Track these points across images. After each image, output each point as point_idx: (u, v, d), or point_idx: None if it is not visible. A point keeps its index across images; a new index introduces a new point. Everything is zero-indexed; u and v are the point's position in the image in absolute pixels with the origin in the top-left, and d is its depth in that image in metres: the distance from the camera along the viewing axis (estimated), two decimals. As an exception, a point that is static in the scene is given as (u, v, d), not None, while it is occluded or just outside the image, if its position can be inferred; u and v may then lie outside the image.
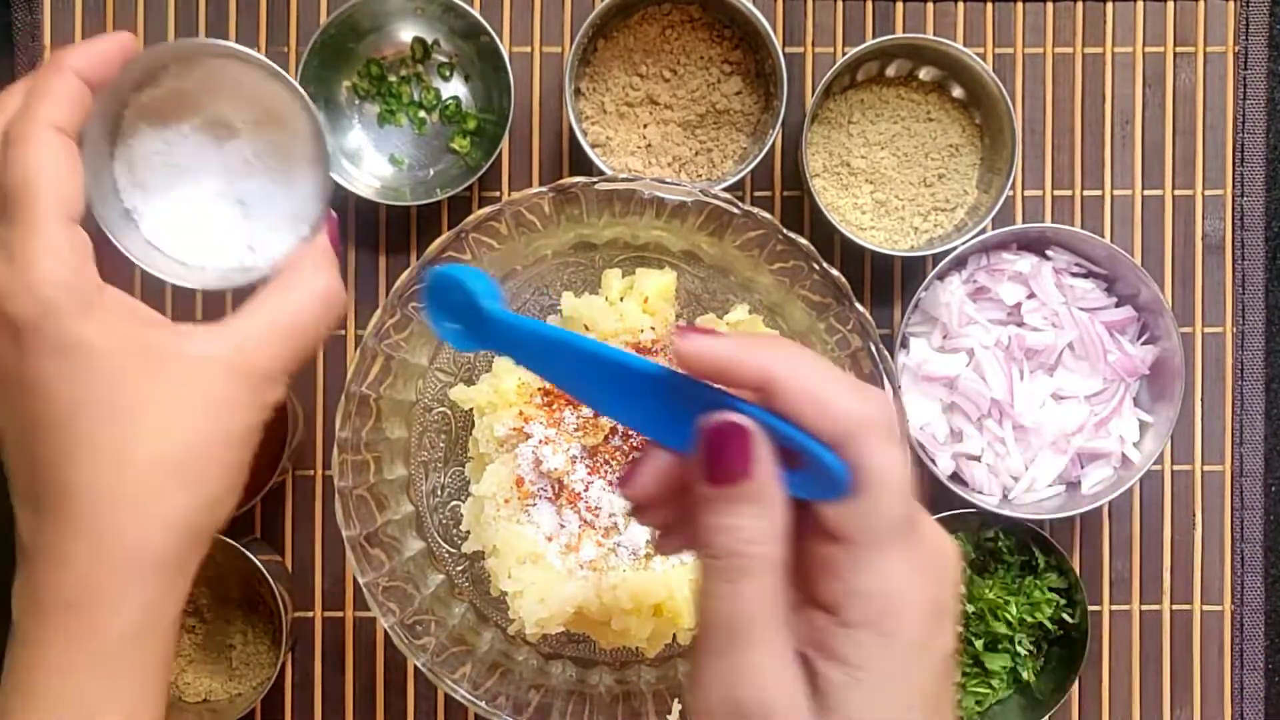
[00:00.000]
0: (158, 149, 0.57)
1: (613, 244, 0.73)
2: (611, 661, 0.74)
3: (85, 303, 0.43)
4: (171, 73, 0.56)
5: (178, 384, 0.45)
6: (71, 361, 0.43)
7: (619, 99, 0.77)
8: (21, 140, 0.45)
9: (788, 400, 0.37)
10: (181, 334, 0.46)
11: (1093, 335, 0.78)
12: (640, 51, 0.78)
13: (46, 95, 0.46)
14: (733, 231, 0.69)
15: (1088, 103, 0.85)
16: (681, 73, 0.77)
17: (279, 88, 0.58)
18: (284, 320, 0.48)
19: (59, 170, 0.45)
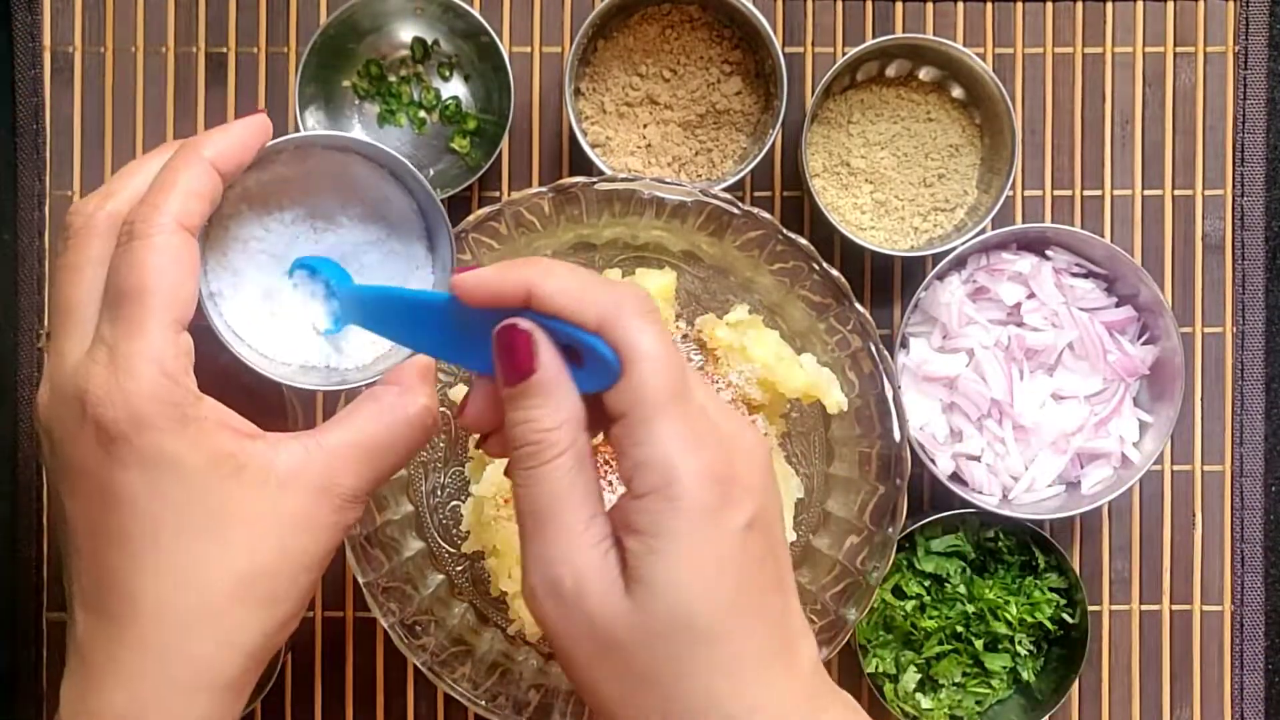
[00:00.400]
0: (256, 234, 0.53)
1: (613, 244, 0.73)
2: (611, 661, 0.74)
3: (180, 416, 0.42)
4: (283, 160, 0.53)
5: (262, 501, 0.44)
6: (159, 476, 0.42)
7: (619, 99, 0.77)
8: (144, 236, 0.43)
9: (550, 302, 0.42)
10: (271, 445, 0.45)
11: (1093, 335, 0.78)
12: (640, 51, 0.78)
13: (176, 187, 0.44)
14: (733, 231, 0.69)
15: (1088, 103, 0.85)
16: (681, 73, 0.77)
17: (394, 186, 0.56)
18: (376, 441, 0.47)
19: (177, 274, 0.43)
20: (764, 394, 0.70)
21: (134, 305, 0.43)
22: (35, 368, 0.82)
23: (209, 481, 0.43)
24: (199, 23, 0.83)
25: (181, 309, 0.44)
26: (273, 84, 0.83)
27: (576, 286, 0.42)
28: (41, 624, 0.82)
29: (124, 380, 0.42)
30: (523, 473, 0.42)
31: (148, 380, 0.42)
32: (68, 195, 0.82)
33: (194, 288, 0.44)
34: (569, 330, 0.42)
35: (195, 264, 0.44)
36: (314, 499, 0.45)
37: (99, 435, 0.42)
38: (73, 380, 0.43)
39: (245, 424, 0.45)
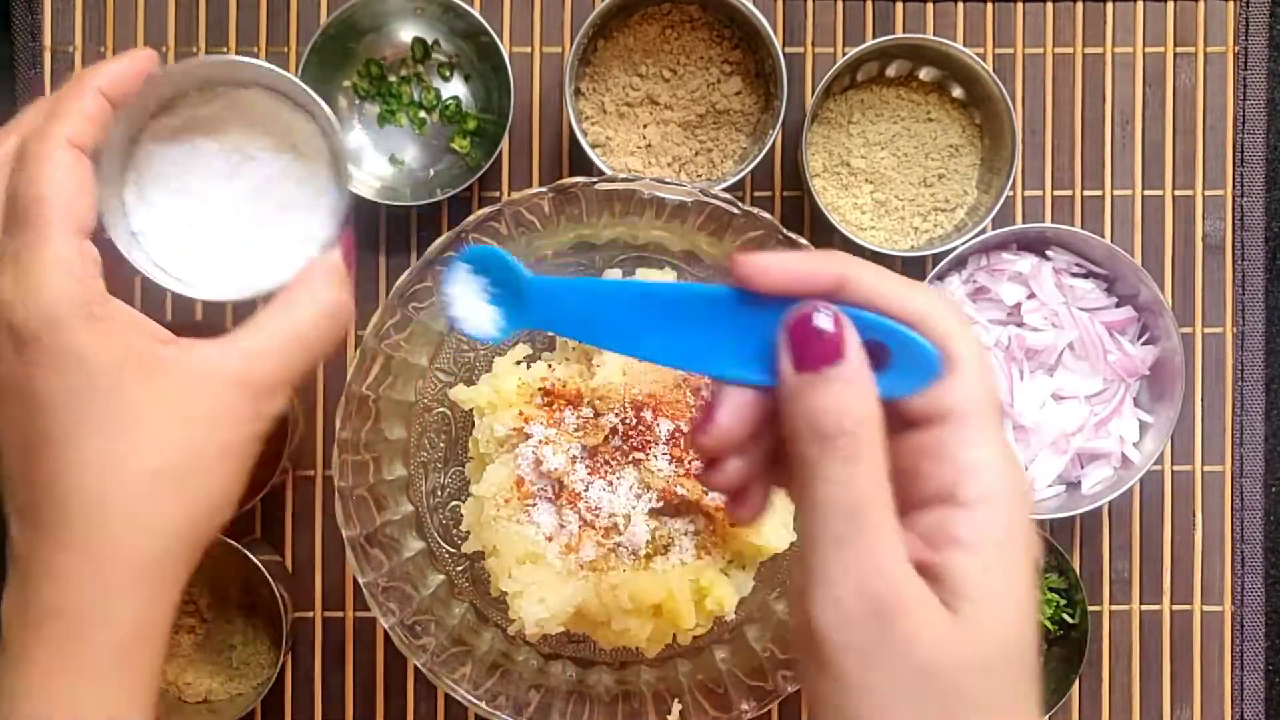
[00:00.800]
0: (170, 171, 0.58)
1: (613, 244, 0.73)
2: (611, 661, 0.74)
3: (88, 314, 0.43)
4: (191, 101, 0.58)
5: (178, 395, 0.45)
6: (72, 373, 0.43)
7: (619, 99, 0.77)
8: (36, 155, 0.45)
9: (869, 290, 0.39)
10: (184, 347, 0.46)
11: (1093, 335, 0.78)
12: (640, 51, 0.78)
13: (66, 112, 0.46)
14: (733, 231, 0.69)
15: (1088, 103, 0.85)
16: (681, 73, 0.77)
17: (299, 114, 0.59)
18: (288, 333, 0.48)
19: (71, 184, 0.45)
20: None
21: (33, 215, 0.44)
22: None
23: (122, 377, 0.44)
24: (199, 23, 0.83)
25: (80, 217, 0.45)
26: (273, 84, 0.83)
27: (895, 283, 0.39)
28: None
29: (31, 283, 0.43)
30: (834, 467, 0.37)
31: (54, 281, 0.43)
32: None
33: (90, 200, 0.46)
34: (886, 324, 0.38)
35: (89, 178, 0.46)
36: (230, 391, 0.46)
37: (12, 340, 0.43)
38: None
39: (157, 327, 0.46)
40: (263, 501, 0.80)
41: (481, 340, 0.45)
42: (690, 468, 0.67)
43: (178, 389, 0.45)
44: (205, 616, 0.81)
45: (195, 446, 0.45)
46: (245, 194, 0.59)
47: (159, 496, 0.44)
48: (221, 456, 0.46)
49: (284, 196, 0.59)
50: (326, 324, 0.49)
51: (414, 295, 0.68)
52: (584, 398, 0.69)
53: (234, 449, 0.46)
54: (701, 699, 0.70)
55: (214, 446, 0.45)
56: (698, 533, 0.69)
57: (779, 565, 0.74)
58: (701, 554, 0.69)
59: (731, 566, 0.71)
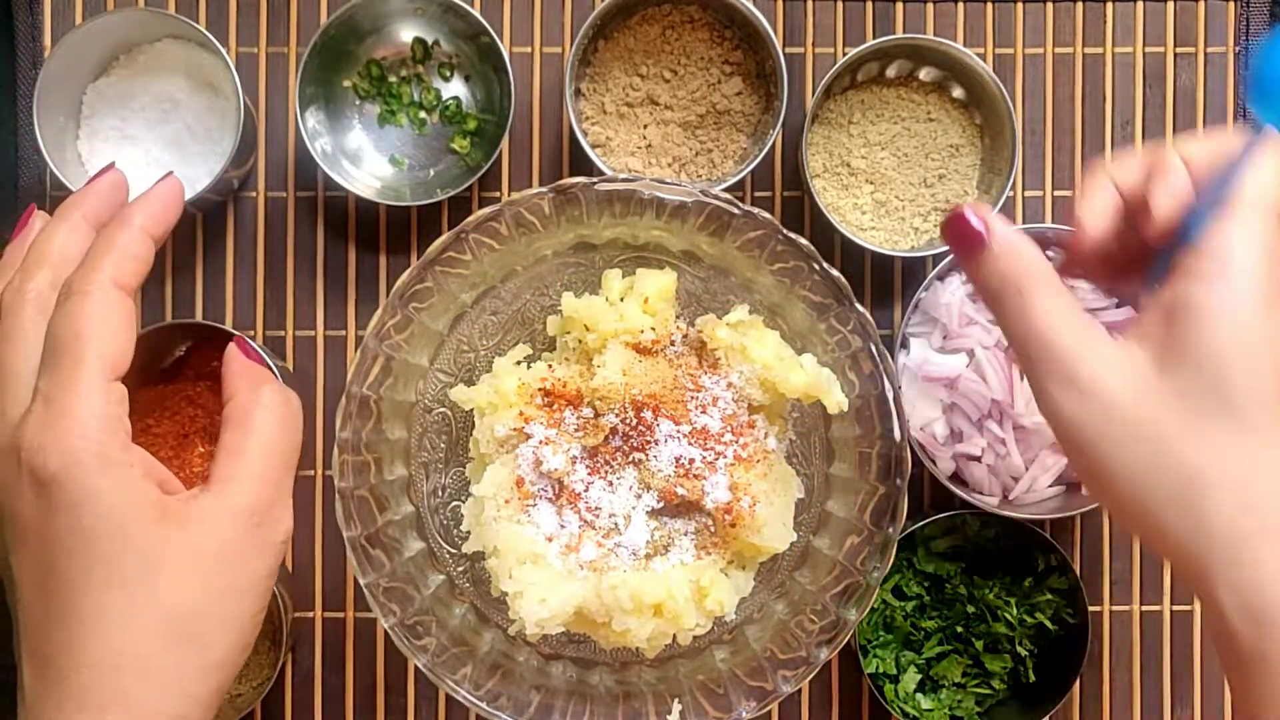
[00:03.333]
0: (113, 124, 0.78)
1: (613, 244, 0.73)
2: (612, 662, 0.74)
3: (108, 461, 0.44)
4: (120, 62, 0.79)
5: (188, 538, 0.45)
6: (89, 518, 0.43)
7: (619, 99, 0.77)
8: (82, 294, 0.46)
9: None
10: (189, 495, 0.47)
11: (1093, 336, 0.78)
12: (640, 52, 0.78)
13: (111, 251, 0.48)
14: (733, 232, 0.69)
15: (1088, 103, 0.85)
16: (682, 73, 0.77)
17: (207, 54, 0.77)
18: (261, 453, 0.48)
19: (111, 328, 0.46)
20: (765, 394, 0.70)
21: (69, 355, 0.45)
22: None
23: (135, 526, 0.44)
24: (199, 23, 0.83)
25: (116, 359, 0.46)
26: (273, 84, 0.83)
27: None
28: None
29: (57, 426, 0.44)
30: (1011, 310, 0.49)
31: (79, 425, 0.44)
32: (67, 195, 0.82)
33: (129, 341, 0.46)
34: None
35: (130, 319, 0.47)
36: (234, 524, 0.46)
37: (34, 483, 0.43)
38: (11, 435, 0.45)
39: (169, 476, 0.47)
40: (263, 502, 0.80)
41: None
42: (690, 468, 0.67)
43: (187, 532, 0.45)
44: (205, 617, 0.81)
45: (210, 585, 0.45)
46: (177, 132, 0.78)
47: (173, 647, 0.44)
48: (233, 598, 0.46)
49: (208, 129, 0.78)
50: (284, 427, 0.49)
51: (414, 295, 0.68)
52: (584, 398, 0.69)
53: (244, 586, 0.46)
54: (701, 699, 0.70)
55: (224, 588, 0.46)
56: (698, 533, 0.69)
57: (779, 565, 0.74)
58: (701, 554, 0.69)
59: (731, 566, 0.71)
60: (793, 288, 0.70)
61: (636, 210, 0.69)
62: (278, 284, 0.84)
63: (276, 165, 0.84)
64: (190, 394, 0.80)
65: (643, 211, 0.69)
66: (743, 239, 0.69)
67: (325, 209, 0.84)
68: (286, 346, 0.83)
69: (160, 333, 0.77)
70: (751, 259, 0.70)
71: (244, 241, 0.84)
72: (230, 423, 0.49)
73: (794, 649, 0.70)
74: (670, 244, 0.73)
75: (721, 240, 0.70)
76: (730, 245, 0.70)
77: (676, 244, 0.72)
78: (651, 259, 0.74)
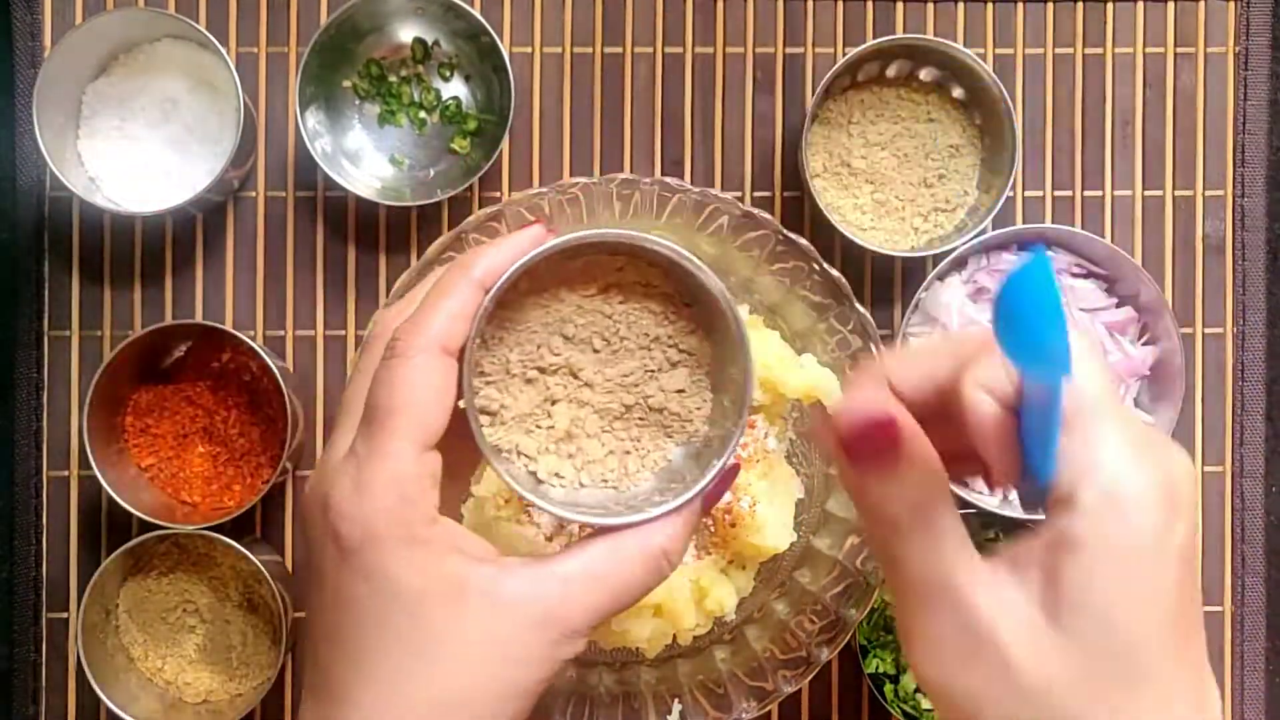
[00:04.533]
0: (113, 125, 0.78)
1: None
2: (611, 662, 0.74)
3: (409, 537, 0.43)
4: (120, 62, 0.79)
5: (478, 628, 0.44)
6: (382, 591, 0.43)
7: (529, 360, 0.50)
8: (403, 355, 0.44)
9: None
10: (500, 570, 0.45)
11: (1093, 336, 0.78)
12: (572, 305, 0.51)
13: (440, 309, 0.45)
14: (733, 232, 0.69)
15: (1088, 103, 0.85)
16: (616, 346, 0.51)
17: (206, 53, 0.77)
18: (606, 575, 0.46)
19: (428, 395, 0.44)
20: (765, 394, 0.70)
21: (381, 424, 0.44)
22: (34, 367, 0.82)
23: (427, 603, 0.43)
24: (200, 23, 0.83)
25: (429, 430, 0.44)
26: (273, 84, 0.83)
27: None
28: (41, 622, 0.82)
29: (363, 497, 0.43)
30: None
31: (383, 500, 0.43)
32: (66, 195, 0.82)
33: (445, 409, 0.45)
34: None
35: (450, 386, 0.45)
36: (532, 630, 0.44)
37: (336, 545, 0.43)
38: (324, 484, 0.44)
39: (480, 546, 0.45)
40: (263, 501, 0.80)
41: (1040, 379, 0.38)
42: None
43: (479, 621, 0.44)
44: (205, 617, 0.81)
45: (483, 682, 0.44)
46: (177, 132, 0.78)
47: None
48: (509, 696, 0.45)
49: (208, 129, 0.78)
50: (647, 573, 0.46)
51: (414, 295, 0.68)
52: (584, 398, 0.69)
53: (519, 690, 0.45)
54: (701, 699, 0.70)
55: (501, 685, 0.44)
56: (698, 533, 0.69)
57: (779, 565, 0.74)
58: (701, 554, 0.69)
59: (731, 567, 0.71)
60: (792, 288, 0.70)
61: (637, 210, 0.69)
62: (278, 284, 0.84)
63: (276, 165, 0.84)
64: (190, 394, 0.80)
65: (643, 211, 0.69)
66: (742, 239, 0.69)
67: (325, 209, 0.84)
68: (286, 346, 0.83)
69: (160, 333, 0.77)
70: (751, 259, 0.70)
71: (244, 241, 0.83)
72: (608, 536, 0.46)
73: (794, 649, 0.70)
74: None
75: (721, 240, 0.70)
76: (730, 245, 0.70)
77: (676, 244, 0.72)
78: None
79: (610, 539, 0.46)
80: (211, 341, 0.80)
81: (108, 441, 0.78)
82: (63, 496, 0.83)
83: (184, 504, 0.80)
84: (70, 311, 0.83)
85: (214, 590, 0.81)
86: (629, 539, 0.46)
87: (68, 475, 0.83)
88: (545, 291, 0.49)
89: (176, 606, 0.80)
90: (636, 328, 0.50)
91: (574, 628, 0.45)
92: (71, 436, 0.82)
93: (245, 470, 0.79)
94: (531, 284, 0.48)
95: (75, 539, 0.82)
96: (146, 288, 0.83)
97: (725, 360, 0.49)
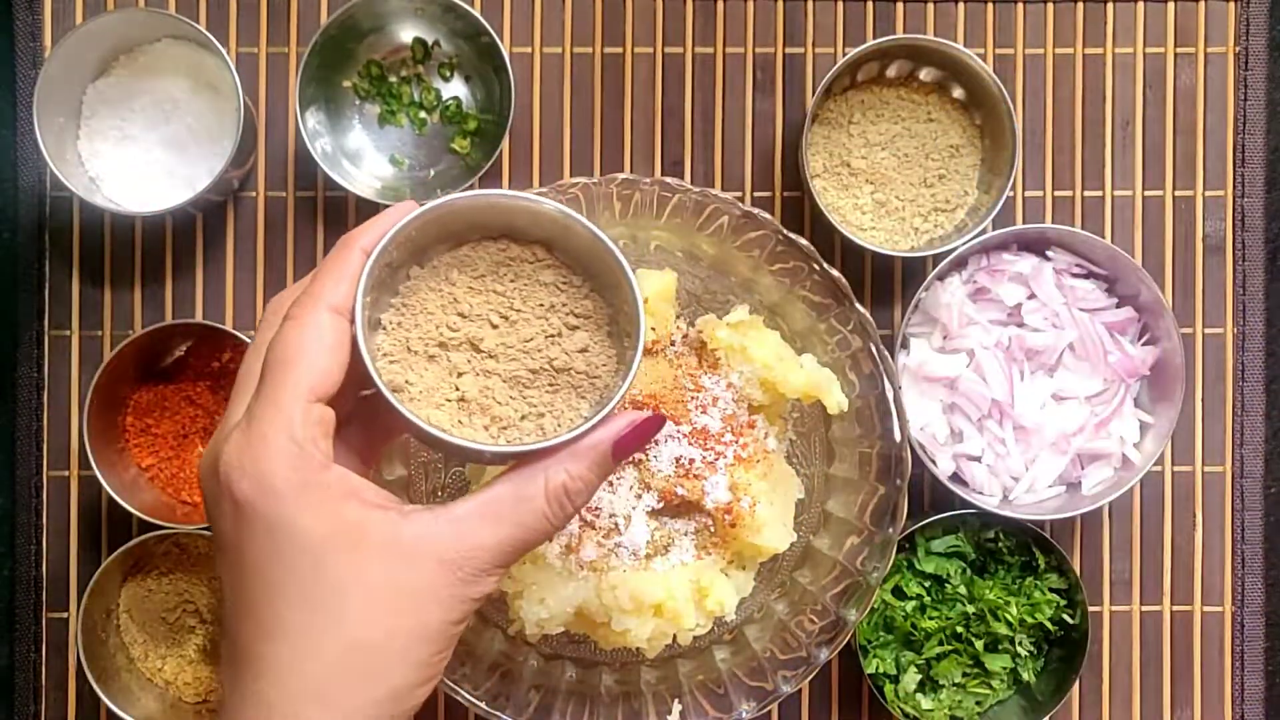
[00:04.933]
0: (114, 124, 0.79)
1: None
2: (612, 662, 0.74)
3: (304, 482, 0.43)
4: (121, 62, 0.79)
5: (382, 571, 0.44)
6: (281, 542, 0.43)
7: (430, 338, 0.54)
8: (295, 318, 0.46)
9: None
10: (401, 515, 0.45)
11: (1093, 336, 0.78)
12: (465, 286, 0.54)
13: (329, 275, 0.47)
14: (733, 232, 0.69)
15: (1088, 103, 0.85)
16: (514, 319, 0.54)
17: (206, 53, 0.77)
18: (513, 515, 0.46)
19: (318, 350, 0.45)
20: (765, 395, 0.70)
21: (272, 378, 0.45)
22: (34, 366, 0.82)
23: (328, 551, 0.44)
24: (200, 23, 0.83)
25: (319, 380, 0.45)
26: (273, 84, 0.83)
27: None
28: (41, 621, 0.82)
29: (254, 447, 0.44)
30: None
31: (274, 448, 0.43)
32: (67, 195, 0.82)
33: (337, 363, 0.46)
34: None
35: (341, 343, 0.46)
36: (437, 571, 0.45)
37: (231, 502, 0.44)
38: (217, 449, 0.45)
39: (378, 494, 0.46)
40: (263, 501, 0.80)
41: None
42: (690, 468, 0.67)
43: (383, 565, 0.44)
44: (205, 617, 0.81)
45: (393, 625, 0.44)
46: (177, 132, 0.78)
47: (348, 677, 0.44)
48: (419, 639, 0.45)
49: (209, 129, 0.78)
50: (556, 509, 0.47)
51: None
52: (584, 398, 0.69)
53: (430, 633, 0.45)
54: (701, 699, 0.70)
55: (411, 627, 0.45)
56: (698, 533, 0.69)
57: (779, 565, 0.74)
58: (701, 554, 0.69)
59: (731, 567, 0.71)
60: (793, 288, 0.70)
61: (637, 210, 0.69)
62: (278, 284, 0.84)
63: (276, 165, 0.84)
64: (190, 394, 0.80)
65: (643, 211, 0.69)
66: (743, 239, 0.69)
67: (325, 209, 0.84)
68: (286, 346, 0.83)
69: (160, 333, 0.77)
70: (751, 259, 0.70)
71: (244, 241, 0.84)
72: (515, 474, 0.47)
73: (794, 649, 0.70)
74: (670, 244, 0.73)
75: (721, 240, 0.70)
76: (730, 245, 0.70)
77: (677, 244, 0.72)
78: (651, 259, 0.74)
79: (512, 479, 0.47)
80: (211, 341, 0.80)
81: (108, 441, 0.78)
82: (63, 496, 0.83)
83: (184, 504, 0.80)
84: (70, 311, 0.83)
85: (214, 590, 0.81)
86: (531, 478, 0.46)
87: (68, 475, 0.83)
88: (437, 276, 0.51)
89: (176, 606, 0.81)
90: (531, 300, 0.52)
91: (479, 566, 0.45)
92: (72, 436, 0.83)
93: (245, 470, 0.79)
94: (424, 268, 0.51)
95: (75, 539, 0.82)
96: (146, 288, 0.83)
97: (620, 311, 0.52)
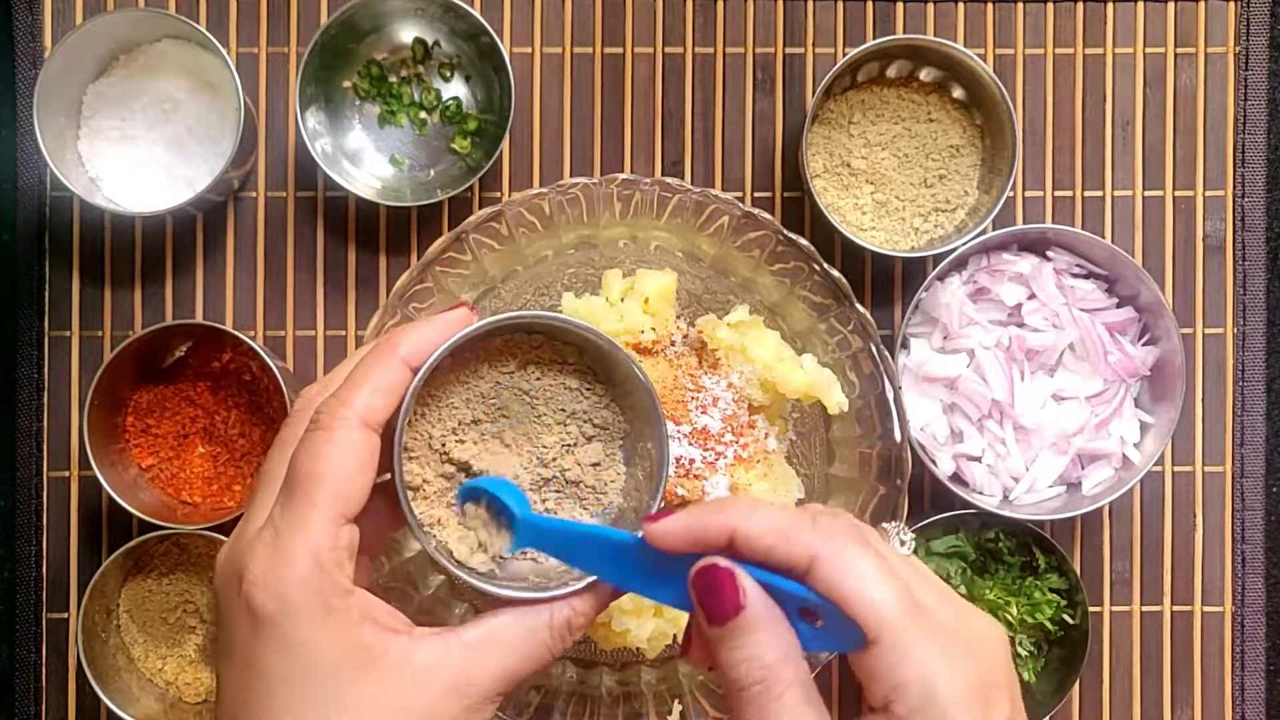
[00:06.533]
0: (114, 125, 0.79)
1: (613, 244, 0.73)
2: (612, 662, 0.74)
3: (325, 606, 0.44)
4: (120, 63, 0.79)
5: (394, 692, 0.44)
6: (296, 660, 0.44)
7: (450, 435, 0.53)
8: (325, 428, 0.45)
9: (758, 543, 0.43)
10: (412, 639, 0.46)
11: (1093, 336, 0.78)
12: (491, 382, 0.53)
13: (365, 383, 0.46)
14: (733, 232, 0.69)
15: (1088, 103, 0.85)
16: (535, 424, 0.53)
17: (206, 53, 0.77)
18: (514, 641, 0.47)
19: (348, 468, 0.45)
20: (765, 395, 0.70)
21: (301, 494, 0.44)
22: (34, 368, 0.82)
23: (341, 671, 0.44)
24: (200, 24, 0.83)
25: (348, 502, 0.45)
26: (273, 84, 0.83)
27: (784, 525, 0.43)
28: (41, 622, 0.82)
29: (279, 566, 0.44)
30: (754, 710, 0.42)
31: (299, 569, 0.43)
32: (67, 196, 0.82)
33: (366, 483, 0.45)
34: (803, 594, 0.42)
35: (371, 460, 0.45)
36: (444, 696, 0.45)
37: (249, 613, 0.44)
38: (240, 554, 0.45)
39: (391, 615, 0.46)
40: (263, 502, 0.80)
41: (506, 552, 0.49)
42: (691, 468, 0.67)
43: (395, 686, 0.44)
44: (205, 617, 0.81)
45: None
46: (177, 132, 0.78)
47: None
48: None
49: (209, 129, 0.78)
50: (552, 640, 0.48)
51: (414, 296, 0.68)
52: (584, 398, 0.69)
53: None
54: (702, 699, 0.70)
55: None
56: (698, 533, 0.69)
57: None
58: (702, 554, 0.69)
59: (732, 567, 0.71)
60: (793, 288, 0.70)
61: (637, 210, 0.69)
62: (278, 284, 0.84)
63: (276, 165, 0.84)
64: (190, 394, 0.80)
65: (643, 211, 0.69)
66: (743, 239, 0.69)
67: (325, 209, 0.84)
68: (286, 346, 0.83)
69: (160, 333, 0.77)
70: (751, 259, 0.70)
71: (244, 242, 0.84)
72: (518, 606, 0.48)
73: (794, 649, 0.69)
74: (670, 244, 0.73)
75: (721, 240, 0.70)
76: (730, 245, 0.70)
77: (677, 244, 0.72)
78: (652, 259, 0.74)
79: (519, 610, 0.48)
80: (212, 342, 0.80)
81: (108, 442, 0.78)
82: (63, 497, 0.83)
83: (184, 504, 0.80)
84: (71, 312, 0.83)
85: (214, 591, 0.81)
86: (537, 611, 0.48)
87: (68, 475, 0.83)
88: (465, 368, 0.50)
89: (177, 606, 0.81)
90: (554, 403, 0.52)
91: (483, 693, 0.46)
92: (72, 437, 0.83)
93: (245, 470, 0.79)
94: (452, 361, 0.49)
95: (76, 539, 0.82)
96: (146, 288, 0.83)
97: (641, 434, 0.52)
